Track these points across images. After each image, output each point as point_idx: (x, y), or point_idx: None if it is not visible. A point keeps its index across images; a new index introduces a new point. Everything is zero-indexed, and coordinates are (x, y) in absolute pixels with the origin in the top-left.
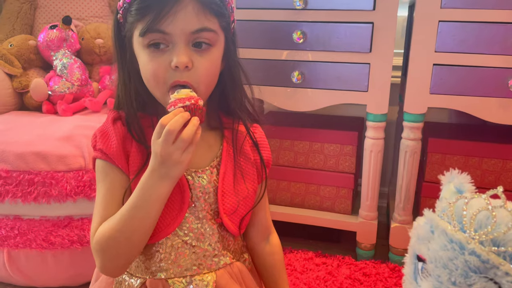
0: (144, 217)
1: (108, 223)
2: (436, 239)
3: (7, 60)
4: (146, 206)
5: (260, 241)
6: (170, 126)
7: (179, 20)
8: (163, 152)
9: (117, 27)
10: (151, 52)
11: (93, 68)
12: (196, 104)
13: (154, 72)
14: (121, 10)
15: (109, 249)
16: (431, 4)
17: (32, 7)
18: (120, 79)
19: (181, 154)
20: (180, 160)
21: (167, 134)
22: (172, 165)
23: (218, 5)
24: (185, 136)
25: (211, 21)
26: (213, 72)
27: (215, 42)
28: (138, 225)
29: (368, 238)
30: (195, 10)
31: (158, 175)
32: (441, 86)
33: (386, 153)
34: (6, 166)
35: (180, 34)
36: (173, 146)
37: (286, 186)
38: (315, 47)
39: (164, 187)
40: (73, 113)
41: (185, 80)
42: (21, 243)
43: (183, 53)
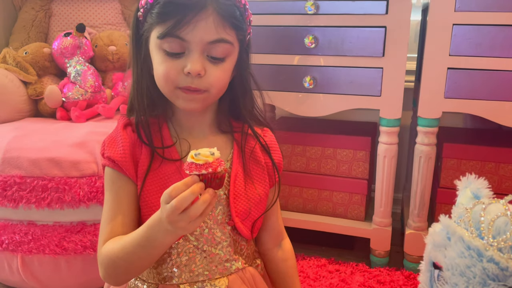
0: (144, 256)
1: (113, 245)
2: (453, 246)
3: (22, 68)
4: (147, 249)
5: (272, 246)
6: (176, 203)
7: (199, 30)
8: (169, 218)
9: (136, 24)
10: (165, 54)
11: (106, 74)
12: (215, 172)
13: (166, 74)
14: (142, 9)
15: (108, 268)
16: (445, 7)
17: (47, 15)
18: (134, 76)
19: (187, 224)
20: (186, 228)
21: (174, 209)
22: (178, 228)
23: (237, 19)
24: (192, 213)
25: (229, 34)
26: (224, 81)
27: (230, 53)
28: (137, 260)
29: (382, 245)
30: (215, 21)
31: (165, 229)
32: (456, 90)
33: (400, 158)
34: (21, 172)
35: (198, 42)
36: (179, 216)
37: (298, 192)
38: (327, 52)
39: (168, 239)
40: (87, 120)
41: (196, 86)
42: (34, 248)
43: (197, 61)
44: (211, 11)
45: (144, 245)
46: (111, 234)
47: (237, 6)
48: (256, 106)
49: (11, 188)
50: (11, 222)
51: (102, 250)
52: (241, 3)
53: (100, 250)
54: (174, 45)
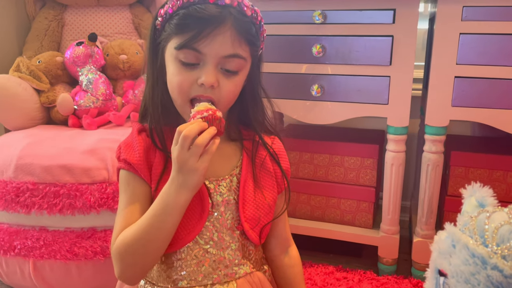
0: (161, 226)
1: (128, 231)
2: (457, 253)
3: (35, 76)
4: (163, 215)
5: (279, 253)
6: (185, 132)
7: (216, 43)
8: (179, 158)
9: (154, 32)
10: (181, 65)
11: (117, 83)
12: (214, 114)
13: (180, 85)
14: (160, 18)
15: (126, 256)
16: (452, 17)
17: (60, 25)
18: (149, 83)
19: (197, 160)
20: (195, 167)
21: (183, 140)
22: (188, 172)
23: (253, 35)
24: (199, 142)
25: (243, 49)
26: (234, 93)
27: (243, 68)
28: (154, 233)
29: (390, 253)
30: (232, 37)
31: (177, 184)
32: (463, 98)
33: (408, 166)
34: (33, 179)
35: (214, 56)
36: (189, 152)
37: (306, 199)
38: (335, 61)
39: (181, 196)
40: (98, 127)
41: (207, 95)
42: (46, 254)
43: (211, 74)
44: (229, 26)
45: (160, 213)
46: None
47: (254, 22)
48: (267, 117)
49: (23, 194)
50: (24, 227)
51: (116, 242)
52: (257, 19)
53: (113, 245)
54: (190, 56)
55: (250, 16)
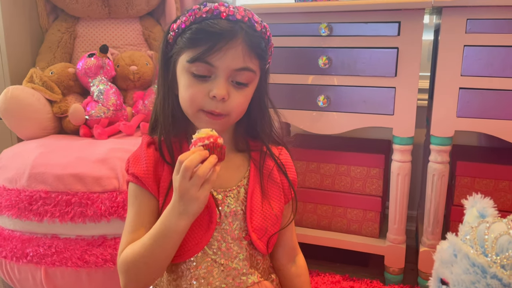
0: (162, 247)
1: (132, 248)
2: (459, 262)
3: (48, 87)
4: (164, 237)
5: (286, 262)
6: (187, 163)
7: (227, 57)
8: (181, 187)
9: (166, 45)
10: (192, 77)
11: (127, 93)
12: (215, 142)
13: (192, 97)
14: (173, 32)
15: (130, 271)
16: (456, 29)
17: (72, 37)
18: (160, 94)
19: (198, 190)
20: (196, 196)
21: (184, 171)
22: (189, 201)
23: (262, 50)
24: (201, 172)
25: (253, 63)
26: (244, 105)
27: (252, 80)
28: (156, 253)
29: (396, 262)
30: (243, 51)
31: (178, 211)
32: (468, 109)
33: (415, 175)
34: (46, 187)
35: (225, 69)
36: (190, 182)
37: (312, 209)
38: (341, 72)
39: (181, 223)
40: (108, 137)
41: (219, 111)
42: (57, 261)
43: (223, 86)
44: (240, 40)
45: (161, 237)
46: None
47: (263, 37)
48: (274, 128)
49: (36, 202)
50: (36, 235)
51: (121, 256)
52: (266, 34)
53: (119, 258)
54: (202, 69)
55: (260, 31)
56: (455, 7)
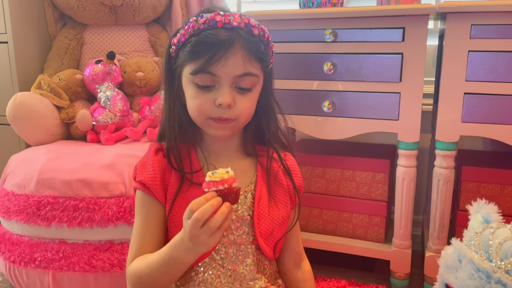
0: (167, 273)
1: (140, 263)
2: (463, 268)
3: (56, 93)
4: (170, 265)
5: (292, 267)
6: (197, 215)
7: (228, 65)
8: (191, 233)
9: (169, 59)
10: (197, 88)
11: (134, 99)
12: (230, 187)
13: (200, 107)
14: (174, 46)
15: (136, 285)
16: (461, 34)
17: (79, 44)
18: (166, 106)
19: (208, 237)
20: (206, 242)
21: (195, 221)
22: (198, 244)
23: (262, 53)
24: (212, 225)
25: (255, 67)
26: (251, 109)
27: (256, 84)
28: (160, 277)
29: (402, 267)
30: (243, 57)
31: (186, 247)
32: (473, 114)
33: (420, 180)
34: (54, 193)
35: (227, 77)
36: (201, 230)
37: (318, 214)
38: (345, 78)
39: (188, 258)
40: (115, 142)
41: (227, 116)
42: (65, 266)
43: (227, 94)
44: (239, 47)
45: (167, 264)
46: (139, 253)
47: (262, 40)
48: (281, 129)
49: (44, 207)
50: (44, 240)
51: (130, 268)
52: (265, 36)
53: (128, 268)
54: (205, 79)
55: (258, 34)
56: (459, 13)
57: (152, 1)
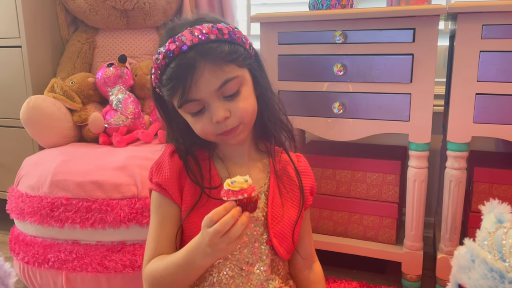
0: (184, 276)
1: (157, 264)
2: (476, 268)
3: (68, 96)
4: (187, 270)
5: (304, 269)
6: (219, 227)
7: (202, 86)
8: (211, 241)
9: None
10: (193, 115)
11: (145, 102)
12: (249, 197)
13: (203, 131)
14: (156, 86)
15: (153, 286)
16: (472, 35)
17: (91, 47)
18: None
19: (227, 245)
20: (225, 249)
21: (216, 232)
22: (216, 251)
23: (229, 53)
24: (232, 235)
25: (229, 71)
26: (250, 106)
27: (242, 82)
28: (178, 279)
29: (414, 269)
30: (211, 71)
31: (204, 251)
32: (485, 115)
33: (432, 182)
34: (67, 194)
35: (208, 95)
36: (220, 239)
37: (328, 215)
38: (356, 79)
39: (205, 262)
40: (127, 144)
41: (230, 127)
42: (78, 266)
43: (218, 109)
44: (202, 65)
45: (184, 267)
46: (156, 253)
47: (223, 40)
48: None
49: (58, 209)
50: (57, 241)
51: (146, 268)
52: (225, 34)
53: (145, 268)
54: (192, 107)
55: (216, 38)
56: (470, 13)
57: (162, 4)
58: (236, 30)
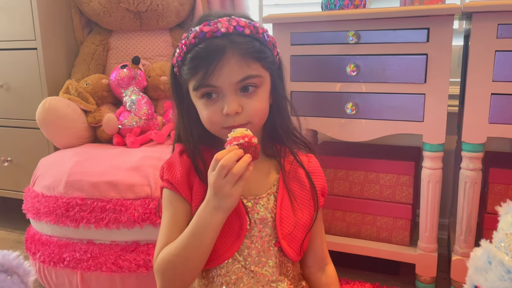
0: (198, 244)
1: (169, 248)
2: (493, 269)
3: (83, 98)
4: (200, 234)
5: (316, 270)
6: (223, 162)
7: (224, 74)
8: (216, 184)
9: (174, 79)
10: (205, 101)
11: (158, 103)
12: (250, 142)
13: (210, 118)
14: (176, 66)
15: (167, 272)
16: (487, 34)
17: (105, 49)
18: (180, 122)
19: (232, 187)
20: (230, 193)
21: (220, 169)
22: (223, 197)
23: (259, 51)
24: (236, 170)
25: (254, 68)
26: (263, 108)
27: (261, 83)
28: (193, 251)
29: (428, 271)
30: (237, 62)
31: (212, 206)
32: (501, 115)
33: (446, 183)
34: (82, 194)
35: (227, 85)
36: (225, 179)
37: (341, 216)
38: (369, 79)
39: (216, 218)
40: (140, 145)
41: (239, 123)
42: (93, 266)
43: (232, 102)
44: (231, 54)
45: (197, 234)
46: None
47: (256, 38)
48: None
49: (73, 209)
50: (72, 240)
51: (158, 258)
52: (259, 33)
53: (156, 260)
54: (209, 91)
55: (250, 34)
56: (485, 12)
57: (175, 6)
58: (269, 34)
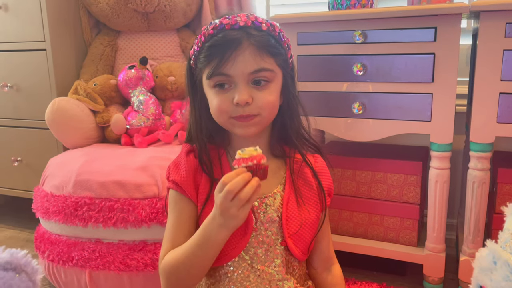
0: (202, 255)
1: (174, 253)
2: (498, 270)
3: (91, 98)
4: (204, 247)
5: (322, 270)
6: (229, 187)
7: (238, 64)
8: (222, 206)
9: (190, 72)
10: (217, 90)
11: (166, 103)
12: (259, 164)
13: (219, 106)
14: (193, 57)
15: (171, 276)
16: (495, 33)
17: (113, 50)
18: (192, 115)
19: (238, 210)
20: (236, 214)
21: (227, 193)
22: (229, 218)
23: (274, 46)
24: (243, 196)
25: (267, 62)
26: (273, 102)
27: (273, 78)
28: (196, 261)
29: (436, 272)
30: (252, 53)
31: (218, 223)
32: (509, 114)
33: (454, 183)
34: (90, 194)
35: (240, 75)
36: (231, 202)
37: (348, 216)
38: (376, 79)
39: (221, 235)
40: (148, 145)
41: (247, 113)
42: (101, 265)
43: (243, 92)
44: (246, 45)
45: (201, 246)
46: (172, 249)
47: (271, 34)
48: (303, 127)
49: (81, 208)
50: (81, 239)
51: (163, 261)
52: (275, 31)
53: (161, 263)
54: (220, 81)
55: (267, 29)
56: (493, 11)
57: (182, 7)
58: (285, 35)
